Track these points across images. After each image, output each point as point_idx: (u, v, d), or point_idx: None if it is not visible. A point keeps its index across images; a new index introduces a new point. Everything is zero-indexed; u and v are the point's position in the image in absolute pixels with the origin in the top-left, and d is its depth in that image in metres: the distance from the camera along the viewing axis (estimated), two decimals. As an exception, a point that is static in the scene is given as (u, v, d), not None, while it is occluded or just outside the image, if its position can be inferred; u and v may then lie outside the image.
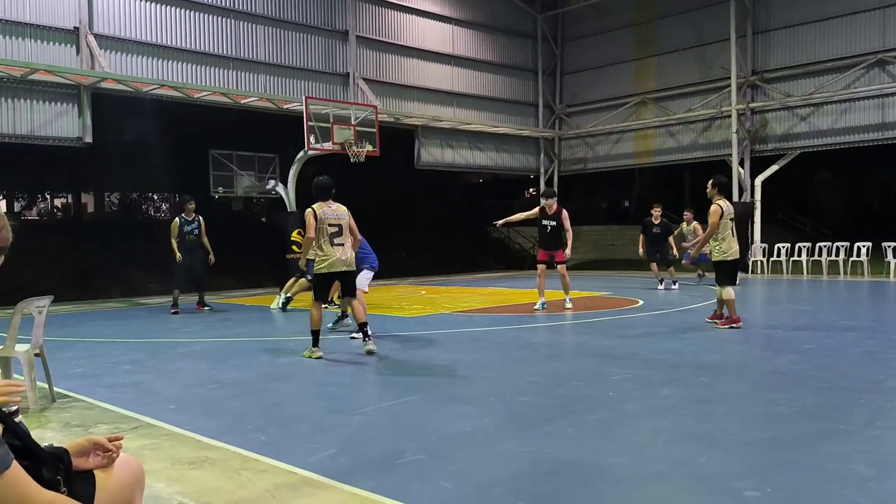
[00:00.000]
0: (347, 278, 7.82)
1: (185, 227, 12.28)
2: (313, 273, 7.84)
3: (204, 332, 9.93)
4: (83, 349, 8.58)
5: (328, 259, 7.56)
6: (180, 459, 4.12)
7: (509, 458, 4.05)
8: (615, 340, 8.62)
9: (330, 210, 7.67)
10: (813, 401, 5.22)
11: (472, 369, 6.88)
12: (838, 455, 3.93)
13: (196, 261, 12.36)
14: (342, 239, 7.65)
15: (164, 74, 15.45)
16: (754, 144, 20.39)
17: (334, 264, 7.58)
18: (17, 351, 5.57)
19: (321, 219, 7.57)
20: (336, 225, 7.63)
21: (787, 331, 9.04)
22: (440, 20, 21.49)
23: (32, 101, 13.78)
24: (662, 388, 5.72)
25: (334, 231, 7.61)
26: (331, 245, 7.57)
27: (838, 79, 18.72)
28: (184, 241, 12.21)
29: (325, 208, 7.67)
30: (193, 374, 6.83)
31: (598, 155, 24.26)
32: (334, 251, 7.57)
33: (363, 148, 15.94)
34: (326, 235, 7.55)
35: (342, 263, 7.62)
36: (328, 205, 7.73)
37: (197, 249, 12.35)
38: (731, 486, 3.51)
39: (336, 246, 7.59)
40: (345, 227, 7.70)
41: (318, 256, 7.65)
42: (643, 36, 22.79)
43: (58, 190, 30.54)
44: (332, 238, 7.59)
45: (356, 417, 5.00)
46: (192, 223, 12.28)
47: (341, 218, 7.70)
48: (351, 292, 7.89)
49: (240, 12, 16.90)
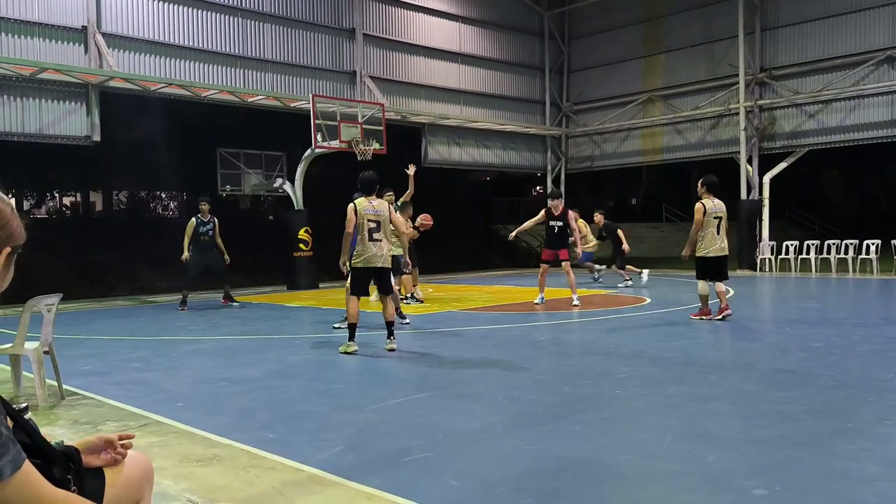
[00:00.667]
0: (383, 275, 7.84)
1: (200, 228, 12.44)
2: (352, 267, 7.82)
3: (211, 330, 9.97)
4: (92, 347, 8.63)
5: (365, 254, 7.62)
6: (188, 457, 4.14)
7: (516, 455, 4.05)
8: (622, 338, 8.61)
9: (370, 206, 7.70)
10: (821, 399, 5.20)
11: (479, 367, 6.88)
12: (847, 453, 3.92)
13: (214, 259, 12.53)
14: (380, 235, 7.69)
15: (171, 73, 15.49)
16: (762, 142, 20.30)
17: (370, 260, 7.63)
18: (26, 349, 5.61)
19: (361, 214, 7.61)
20: (375, 221, 7.66)
21: (795, 328, 9.01)
22: (447, 18, 21.48)
23: (41, 100, 13.85)
24: (669, 386, 5.71)
25: (373, 227, 7.65)
26: (369, 240, 7.62)
27: (847, 76, 18.62)
28: (199, 241, 12.35)
29: (367, 204, 7.70)
30: (201, 372, 6.85)
31: (606, 153, 24.21)
32: (371, 247, 7.62)
33: (370, 146, 15.96)
34: (365, 231, 7.60)
35: (379, 259, 7.67)
36: (370, 200, 7.75)
37: (212, 249, 12.51)
38: (739, 484, 3.50)
39: (373, 241, 7.64)
40: (384, 224, 7.73)
41: (355, 252, 7.69)
42: (651, 33, 22.71)
43: (66, 188, 30.67)
44: (370, 233, 7.63)
45: (363, 415, 5.01)
46: (207, 224, 12.47)
47: (380, 214, 7.72)
48: (387, 289, 7.91)
49: (247, 11, 16.93)
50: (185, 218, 17.74)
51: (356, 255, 7.68)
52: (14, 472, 1.41)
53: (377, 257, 7.65)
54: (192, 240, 12.27)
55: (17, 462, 1.42)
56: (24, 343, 5.61)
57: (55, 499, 1.50)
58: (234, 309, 12.56)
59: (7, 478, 1.39)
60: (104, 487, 1.81)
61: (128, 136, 22.17)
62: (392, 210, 8.04)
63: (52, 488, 1.51)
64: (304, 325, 10.45)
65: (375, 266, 7.68)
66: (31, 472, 1.46)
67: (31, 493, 1.45)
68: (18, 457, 1.43)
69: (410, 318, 10.08)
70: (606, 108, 23.78)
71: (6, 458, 1.40)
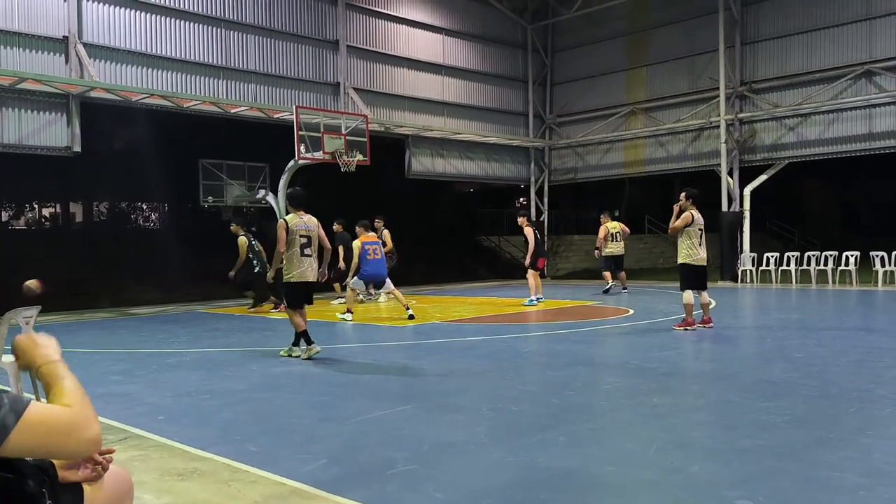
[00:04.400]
0: (312, 289, 8.15)
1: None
2: (284, 282, 8.02)
3: (194, 342, 9.87)
4: (72, 359, 8.44)
5: (299, 269, 7.84)
6: (169, 471, 4.08)
7: (501, 466, 4.03)
8: (606, 349, 8.63)
9: (301, 222, 7.92)
10: (804, 409, 5.23)
11: (464, 378, 6.86)
12: (830, 463, 3.94)
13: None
14: (311, 250, 7.92)
15: (153, 83, 15.40)
16: (743, 154, 20.52)
17: (304, 274, 7.87)
18: (4, 362, 5.51)
19: (293, 230, 7.81)
20: (306, 236, 7.89)
21: (777, 340, 9.07)
22: (431, 30, 21.56)
23: (21, 110, 13.70)
24: (654, 397, 5.73)
25: (304, 242, 7.87)
26: (300, 256, 7.83)
27: (826, 89, 18.89)
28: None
29: (297, 220, 7.91)
30: (184, 385, 6.77)
31: (589, 164, 24.34)
32: (303, 262, 7.85)
33: (354, 157, 15.92)
34: (297, 246, 7.80)
35: (311, 273, 7.94)
36: (300, 216, 7.97)
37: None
38: (723, 494, 3.51)
39: (305, 257, 7.87)
40: (313, 239, 7.96)
41: (288, 268, 7.86)
42: (633, 46, 22.93)
43: (46, 199, 30.34)
44: (302, 249, 7.84)
45: (348, 427, 4.97)
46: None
47: (311, 230, 7.95)
48: (310, 301, 8.21)
49: (230, 21, 16.89)
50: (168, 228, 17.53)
51: (289, 271, 7.87)
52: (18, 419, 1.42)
53: (309, 272, 7.92)
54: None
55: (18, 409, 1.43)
56: (1, 356, 5.52)
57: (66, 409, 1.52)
58: (215, 321, 12.40)
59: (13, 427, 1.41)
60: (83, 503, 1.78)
61: (109, 146, 22.05)
62: (319, 226, 8.18)
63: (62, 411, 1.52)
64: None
65: (308, 280, 7.95)
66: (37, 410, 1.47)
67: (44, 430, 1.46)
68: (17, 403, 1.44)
69: (395, 330, 10.04)
70: (589, 121, 23.94)
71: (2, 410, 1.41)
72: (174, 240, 25.36)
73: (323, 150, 15.49)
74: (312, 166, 16.82)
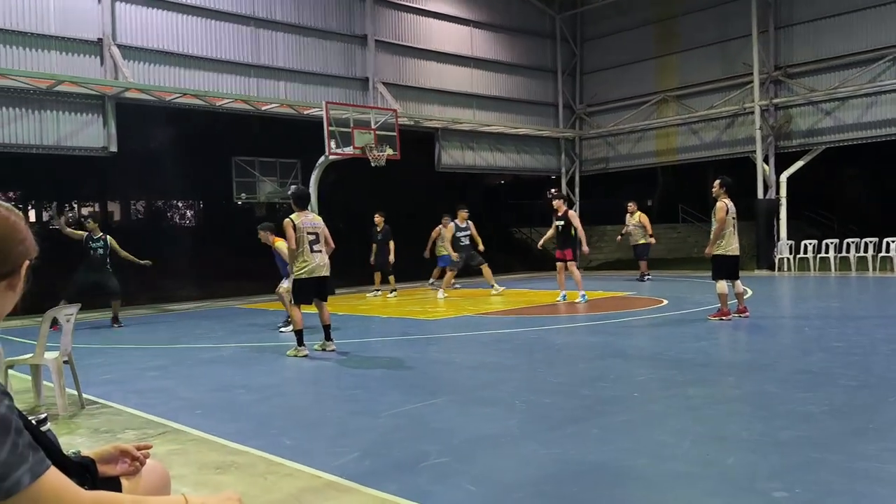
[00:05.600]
0: (325, 283, 8.26)
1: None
2: (294, 278, 8.13)
3: (229, 338, 10.01)
4: (111, 356, 8.69)
5: (309, 265, 7.99)
6: (207, 464, 4.15)
7: (534, 459, 4.03)
8: (640, 341, 8.56)
9: (307, 220, 8.12)
10: (842, 400, 5.14)
11: (496, 371, 6.87)
12: (869, 454, 3.86)
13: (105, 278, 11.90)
14: (320, 246, 8.11)
15: (186, 83, 15.61)
16: (778, 140, 20.13)
17: (315, 270, 8.03)
18: (46, 358, 5.66)
19: (300, 228, 8.00)
20: (313, 233, 8.07)
21: (815, 329, 8.91)
22: (458, 22, 21.49)
23: (58, 112, 14.00)
24: (688, 388, 5.67)
25: (312, 238, 8.06)
26: (310, 252, 8.01)
27: (863, 72, 18.41)
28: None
29: (303, 218, 8.10)
30: (219, 379, 6.88)
31: (620, 154, 24.10)
32: (314, 258, 8.02)
33: (383, 152, 15.98)
34: (306, 244, 7.98)
35: (322, 269, 8.09)
36: (305, 214, 8.17)
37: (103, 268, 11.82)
38: (760, 486, 3.46)
39: (315, 253, 8.04)
40: (321, 235, 8.13)
41: (298, 263, 8.01)
42: (664, 33, 22.60)
43: (85, 199, 31.03)
44: (311, 245, 8.03)
45: (380, 421, 5.01)
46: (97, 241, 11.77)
47: (317, 227, 8.15)
48: (325, 296, 8.31)
49: (260, 20, 17.03)
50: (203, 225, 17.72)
51: (300, 268, 8.01)
52: (33, 480, 1.40)
53: (320, 267, 8.07)
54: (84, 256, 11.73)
55: (38, 470, 1.41)
56: (44, 353, 5.66)
57: (82, 501, 1.47)
58: (250, 317, 12.55)
59: (26, 486, 1.39)
60: (121, 497, 1.81)
61: (144, 146, 22.41)
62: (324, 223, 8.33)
63: (81, 494, 1.48)
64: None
65: (320, 275, 8.08)
66: (56, 479, 1.44)
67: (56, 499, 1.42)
68: (40, 465, 1.41)
69: (427, 324, 10.07)
70: (620, 110, 23.68)
71: (24, 468, 1.39)
72: (209, 236, 25.74)
73: (353, 146, 15.57)
74: (342, 161, 16.93)
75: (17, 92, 13.39)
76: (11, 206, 1.59)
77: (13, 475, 1.37)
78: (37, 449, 1.43)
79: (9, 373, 6.07)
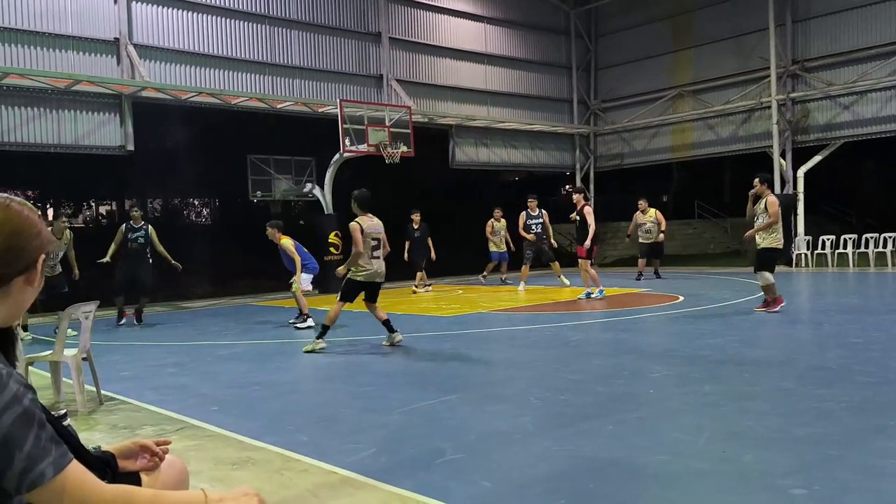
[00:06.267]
0: (378, 288, 8.23)
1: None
2: (349, 278, 8.08)
3: (245, 335, 10.08)
4: (129, 353, 8.78)
5: (368, 271, 7.92)
6: (223, 460, 4.19)
7: (548, 456, 4.03)
8: (655, 337, 8.52)
9: (372, 224, 8.03)
10: (861, 396, 5.09)
11: (511, 368, 6.86)
12: (888, 451, 3.83)
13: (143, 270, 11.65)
14: (380, 252, 8.05)
15: (201, 82, 15.71)
16: (796, 135, 19.93)
17: (372, 276, 7.98)
18: (66, 355, 5.73)
19: (366, 233, 7.89)
20: (376, 238, 8.01)
21: (833, 325, 8.83)
22: (472, 19, 21.46)
23: (76, 112, 14.13)
24: (704, 385, 5.64)
25: (374, 244, 7.98)
26: (370, 258, 7.93)
27: (882, 65, 18.19)
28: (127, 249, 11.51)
29: (369, 222, 8.01)
30: (235, 376, 6.93)
31: (635, 150, 23.97)
32: (373, 264, 7.94)
33: (398, 149, 16.01)
34: (368, 248, 7.89)
35: (378, 276, 8.04)
36: (370, 218, 8.08)
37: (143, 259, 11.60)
38: (777, 483, 3.44)
39: (374, 259, 7.97)
40: (382, 241, 8.08)
41: (358, 266, 7.94)
42: (679, 28, 22.44)
43: (102, 198, 31.34)
44: (372, 251, 7.96)
45: (395, 417, 5.03)
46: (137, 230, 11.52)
47: (380, 232, 8.06)
48: (375, 298, 8.24)
49: (274, 18, 17.09)
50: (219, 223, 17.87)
51: (358, 271, 7.96)
52: (57, 473, 1.41)
53: (377, 274, 8.02)
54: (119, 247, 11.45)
55: (61, 463, 1.42)
56: (63, 350, 5.73)
57: (104, 498, 1.48)
58: (265, 314, 12.60)
59: (50, 479, 1.41)
60: (140, 492, 1.83)
61: (160, 144, 22.61)
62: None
63: (102, 488, 1.49)
64: (335, 329, 10.50)
65: (375, 281, 8.06)
66: (78, 473, 1.46)
67: (76, 495, 1.44)
68: (63, 458, 1.43)
69: (441, 320, 10.08)
70: (635, 105, 23.54)
71: (47, 460, 1.41)
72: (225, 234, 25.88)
73: (367, 143, 15.61)
74: (357, 159, 16.97)
75: (36, 92, 13.53)
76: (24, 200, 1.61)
77: (37, 468, 1.39)
78: (59, 442, 1.45)
79: (29, 369, 6.15)
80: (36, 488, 1.40)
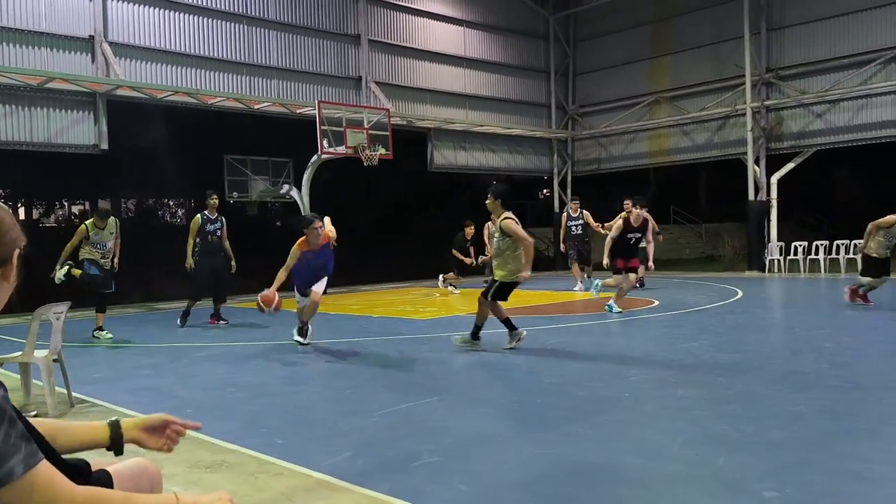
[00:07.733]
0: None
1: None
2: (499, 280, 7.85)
3: (221, 337, 9.98)
4: (102, 354, 8.65)
5: (516, 268, 7.71)
6: (197, 463, 4.13)
7: (527, 459, 4.03)
8: (632, 341, 8.57)
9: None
10: (834, 400, 5.16)
11: (489, 371, 6.87)
12: (860, 455, 3.88)
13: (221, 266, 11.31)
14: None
15: (178, 81, 15.55)
16: (770, 142, 20.21)
17: (515, 272, 7.73)
18: (36, 357, 5.62)
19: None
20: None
21: (805, 330, 8.95)
22: (452, 22, 21.49)
23: (49, 109, 13.91)
24: (679, 389, 5.68)
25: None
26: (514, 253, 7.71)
27: (855, 75, 18.53)
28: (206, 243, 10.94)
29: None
30: (211, 378, 6.86)
31: (612, 155, 24.14)
32: (518, 260, 7.71)
33: (376, 151, 15.97)
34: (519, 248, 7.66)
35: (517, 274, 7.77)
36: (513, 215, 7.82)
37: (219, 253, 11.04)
38: (751, 486, 3.47)
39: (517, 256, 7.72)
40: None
41: (510, 266, 7.71)
42: (657, 35, 22.66)
43: (75, 197, 30.88)
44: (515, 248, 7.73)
45: (372, 420, 5.00)
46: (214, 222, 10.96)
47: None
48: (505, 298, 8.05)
49: (252, 18, 16.97)
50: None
51: (511, 271, 7.71)
52: (26, 471, 1.40)
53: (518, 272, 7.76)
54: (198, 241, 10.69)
55: (30, 462, 1.41)
56: (33, 351, 5.62)
57: (74, 499, 1.46)
58: (241, 315, 12.51)
59: (18, 476, 1.39)
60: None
61: (135, 144, 22.28)
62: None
63: (73, 488, 1.47)
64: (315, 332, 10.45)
65: (518, 281, 7.84)
66: (48, 472, 1.44)
67: (46, 494, 1.42)
68: (32, 456, 1.42)
69: (420, 323, 10.06)
70: (612, 111, 23.73)
71: (17, 458, 1.39)
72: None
73: (346, 145, 15.56)
74: (335, 161, 16.90)
75: (7, 89, 13.30)
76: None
77: (6, 465, 1.37)
78: (30, 441, 1.44)
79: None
80: (4, 486, 1.38)
